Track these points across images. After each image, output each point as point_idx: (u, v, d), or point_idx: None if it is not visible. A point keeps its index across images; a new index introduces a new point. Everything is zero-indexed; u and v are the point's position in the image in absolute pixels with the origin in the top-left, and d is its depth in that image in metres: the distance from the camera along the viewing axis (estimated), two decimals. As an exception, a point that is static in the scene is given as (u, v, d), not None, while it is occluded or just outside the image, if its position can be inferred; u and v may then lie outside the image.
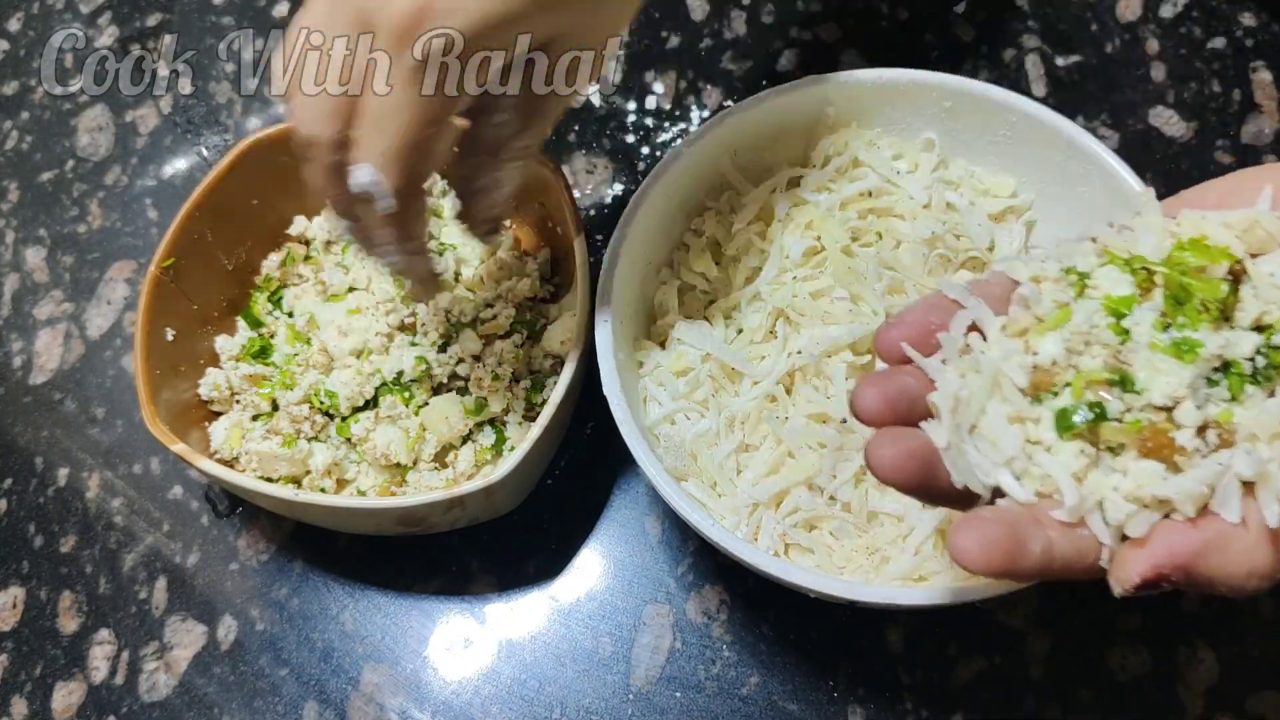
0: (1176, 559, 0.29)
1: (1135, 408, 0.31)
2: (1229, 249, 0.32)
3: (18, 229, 0.63)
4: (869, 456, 0.32)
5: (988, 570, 0.29)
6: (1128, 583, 0.30)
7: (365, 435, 0.50)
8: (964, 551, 0.29)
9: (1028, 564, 0.30)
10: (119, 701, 0.50)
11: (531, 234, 0.57)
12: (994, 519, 0.30)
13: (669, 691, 0.49)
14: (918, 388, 0.33)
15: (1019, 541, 0.30)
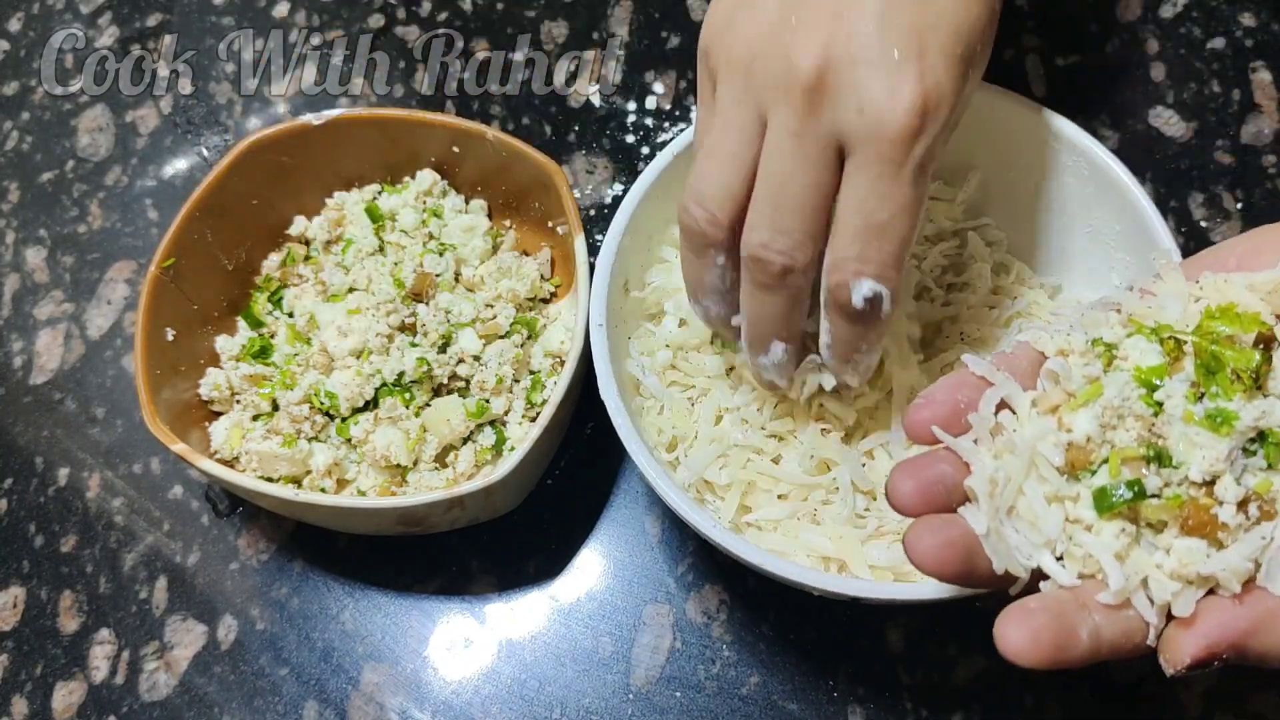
0: (1229, 638, 0.29)
1: (1174, 483, 0.31)
2: (1259, 315, 0.32)
3: (18, 229, 0.63)
4: (908, 549, 0.31)
5: (1037, 664, 0.29)
6: (1180, 664, 0.29)
7: (365, 437, 0.50)
8: (1012, 644, 0.29)
9: (1077, 653, 0.30)
10: (119, 701, 0.50)
11: (531, 234, 0.57)
12: (1039, 608, 0.30)
13: (669, 691, 0.49)
14: (952, 473, 0.33)
15: (1067, 631, 0.30)
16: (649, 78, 0.64)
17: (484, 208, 0.58)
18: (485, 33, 0.67)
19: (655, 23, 0.66)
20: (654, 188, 0.49)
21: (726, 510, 0.46)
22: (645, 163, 0.49)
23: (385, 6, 0.68)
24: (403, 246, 0.55)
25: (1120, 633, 0.30)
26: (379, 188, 0.57)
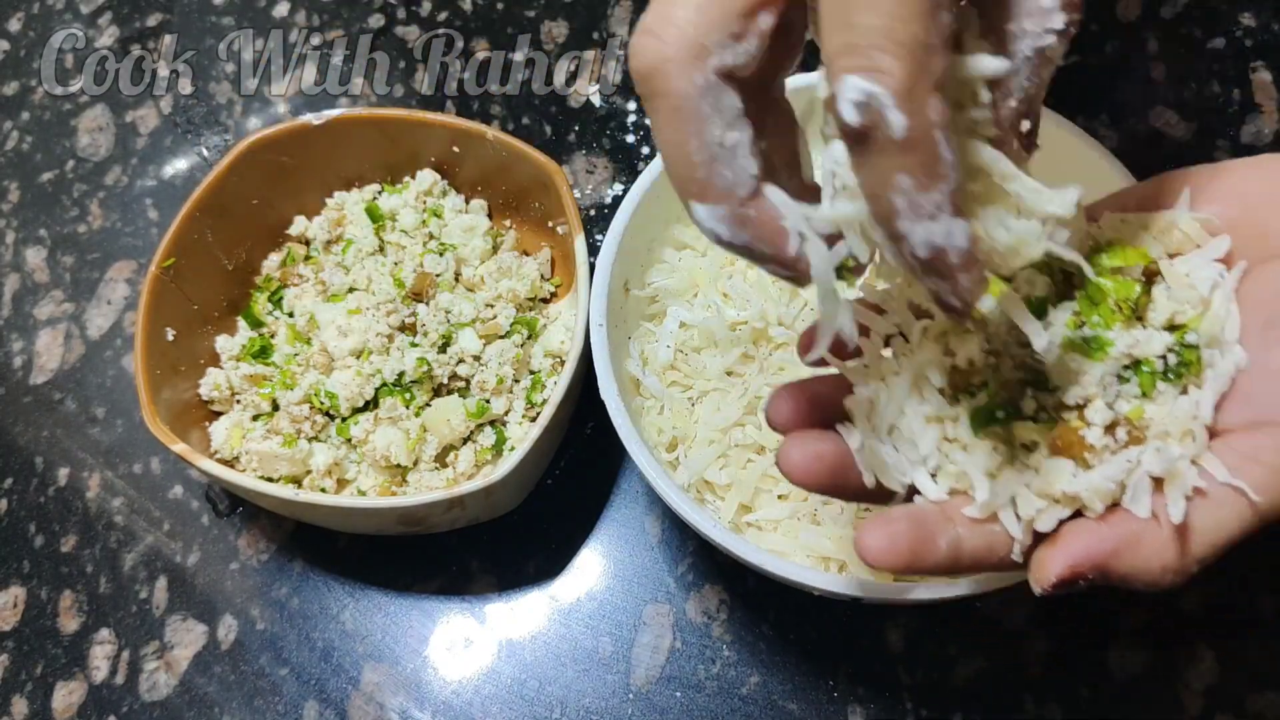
0: (1092, 558, 0.30)
1: (1049, 406, 0.32)
2: (1145, 251, 0.33)
3: (18, 229, 0.63)
4: (779, 462, 0.33)
5: (893, 566, 0.30)
6: (1045, 582, 0.30)
7: (365, 437, 0.50)
8: (868, 549, 0.30)
9: (933, 560, 0.31)
10: (119, 701, 0.50)
11: (531, 234, 0.57)
12: (901, 517, 0.31)
13: (669, 691, 0.49)
14: (830, 394, 0.34)
15: (925, 538, 0.31)
16: (649, 78, 0.64)
17: (484, 208, 0.58)
18: (485, 33, 0.67)
19: (655, 23, 0.66)
20: (654, 188, 0.49)
21: (726, 510, 0.46)
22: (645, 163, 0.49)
23: (385, 6, 0.68)
24: (403, 246, 0.55)
25: (983, 545, 0.31)
26: (379, 188, 0.57)
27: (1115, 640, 0.48)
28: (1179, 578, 0.30)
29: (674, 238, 0.52)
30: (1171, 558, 0.30)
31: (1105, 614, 0.49)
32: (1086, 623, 0.49)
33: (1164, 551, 0.30)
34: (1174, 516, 0.30)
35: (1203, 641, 0.48)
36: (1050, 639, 0.48)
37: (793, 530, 0.45)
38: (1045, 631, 0.48)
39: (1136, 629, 0.48)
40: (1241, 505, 0.30)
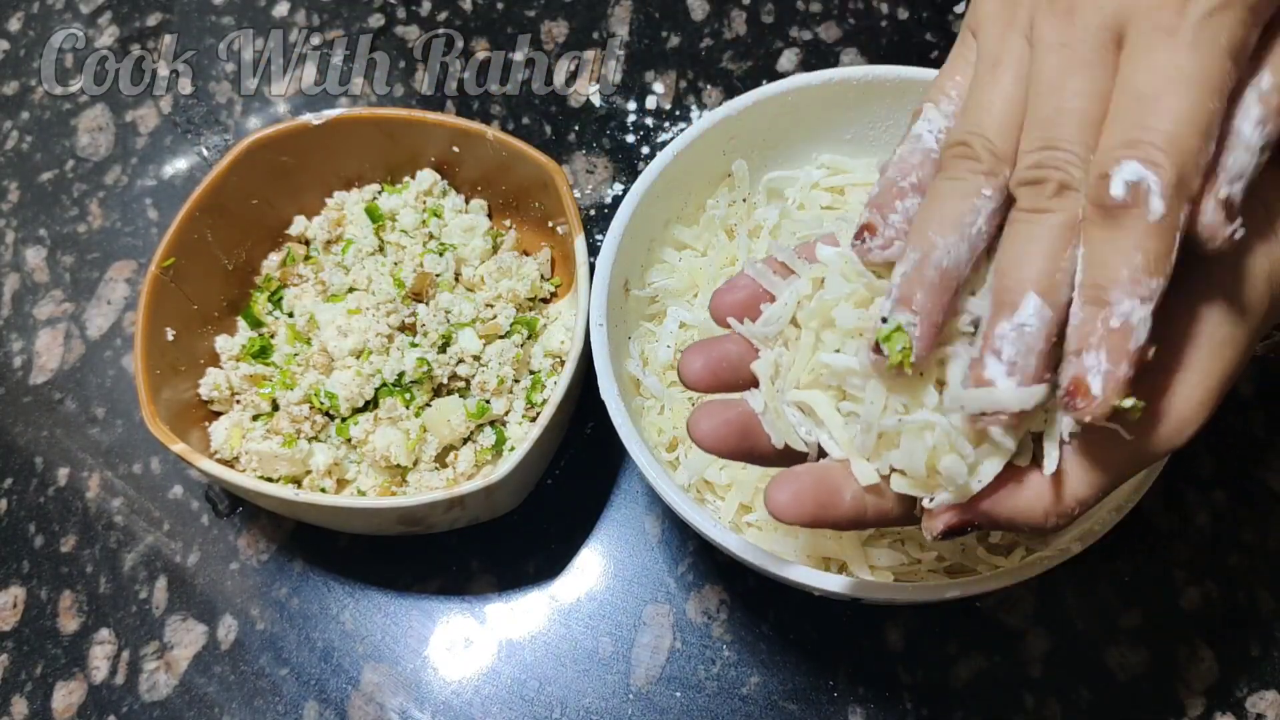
0: (976, 506, 0.31)
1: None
2: None
3: (18, 229, 0.63)
4: (690, 429, 0.34)
5: (799, 520, 0.31)
6: (934, 531, 0.31)
7: (365, 437, 0.50)
8: (776, 504, 0.32)
9: (839, 513, 0.32)
10: (119, 701, 0.50)
11: (531, 234, 0.57)
12: (805, 473, 0.32)
13: (669, 691, 0.49)
14: (739, 354, 0.35)
15: (830, 493, 0.32)
16: (649, 77, 0.64)
17: (484, 208, 0.58)
18: (485, 33, 0.67)
19: (655, 23, 0.66)
20: (654, 188, 0.49)
21: (726, 510, 0.46)
22: (645, 163, 0.49)
23: (385, 6, 0.68)
24: (403, 246, 0.55)
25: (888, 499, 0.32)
26: (379, 188, 0.57)
27: (1115, 640, 0.48)
28: (1063, 520, 0.31)
29: (674, 238, 0.52)
30: (1052, 501, 0.31)
31: (1105, 613, 0.49)
32: (1086, 622, 0.49)
33: (1045, 496, 0.31)
34: (1047, 468, 0.30)
35: (1203, 641, 0.48)
36: (1050, 639, 0.48)
37: (793, 530, 0.45)
38: (1045, 631, 0.49)
39: (1136, 629, 0.48)
40: (1119, 444, 0.30)
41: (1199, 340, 0.31)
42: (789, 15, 0.66)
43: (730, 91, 0.63)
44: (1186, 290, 0.31)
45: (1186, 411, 0.31)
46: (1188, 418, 0.31)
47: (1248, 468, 0.51)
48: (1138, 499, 0.40)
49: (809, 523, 0.32)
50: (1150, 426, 0.30)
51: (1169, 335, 0.31)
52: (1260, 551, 0.50)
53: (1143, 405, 0.28)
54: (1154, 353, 0.29)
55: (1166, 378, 0.31)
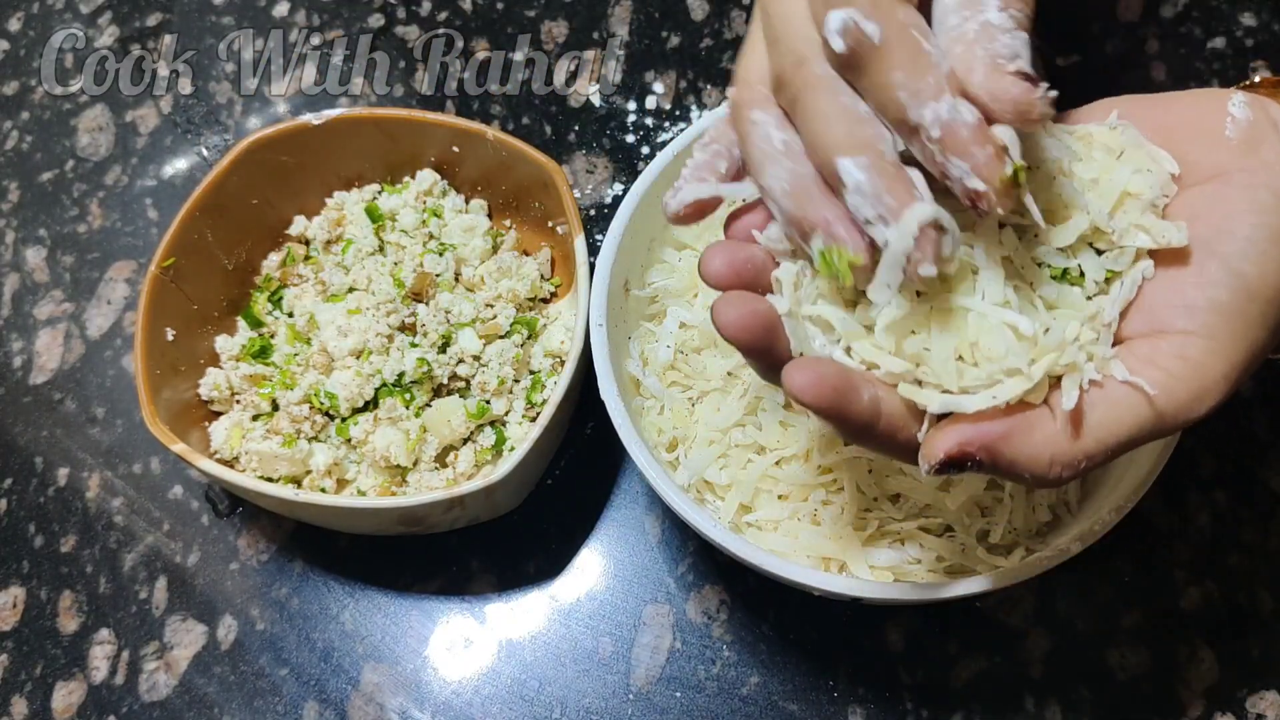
0: (983, 438, 0.30)
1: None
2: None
3: (18, 229, 0.63)
4: (715, 315, 0.32)
5: (818, 403, 0.30)
6: (933, 458, 0.30)
7: (365, 437, 0.50)
8: (796, 383, 0.30)
9: (858, 408, 0.31)
10: (119, 701, 0.50)
11: (531, 234, 0.57)
12: (829, 362, 0.31)
13: (669, 691, 0.49)
14: (763, 258, 0.34)
15: (851, 387, 0.31)
16: (649, 78, 0.64)
17: (484, 208, 0.58)
18: (485, 33, 0.67)
19: (655, 23, 0.66)
20: (654, 188, 0.49)
21: (726, 510, 0.46)
22: (645, 163, 0.49)
23: (385, 6, 0.68)
24: (403, 246, 0.55)
25: (899, 411, 0.31)
26: (379, 188, 0.57)
27: (1115, 640, 0.48)
28: (1067, 471, 0.30)
29: (674, 238, 0.52)
30: (1061, 448, 0.30)
31: (1105, 614, 0.49)
32: (1086, 622, 0.49)
33: (1054, 441, 0.30)
34: (1065, 405, 0.30)
35: (1203, 641, 0.48)
36: (1050, 639, 0.48)
37: (793, 530, 0.45)
38: (1045, 631, 0.48)
39: (1136, 629, 0.48)
40: (1137, 405, 0.30)
41: (1228, 314, 0.31)
42: (789, 15, 0.66)
43: (730, 91, 0.63)
44: (1220, 264, 0.31)
45: (1209, 382, 0.31)
46: (1209, 389, 0.31)
47: (1249, 468, 0.51)
48: (1137, 499, 0.40)
49: (826, 408, 0.30)
50: (1171, 394, 0.30)
51: (1199, 305, 0.31)
52: (1261, 552, 0.50)
53: (1024, 165, 0.30)
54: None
55: (1191, 347, 0.31)
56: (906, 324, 0.31)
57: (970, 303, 0.31)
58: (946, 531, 0.45)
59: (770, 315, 0.33)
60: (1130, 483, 0.41)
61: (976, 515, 0.45)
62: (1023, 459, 0.30)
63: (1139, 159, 0.34)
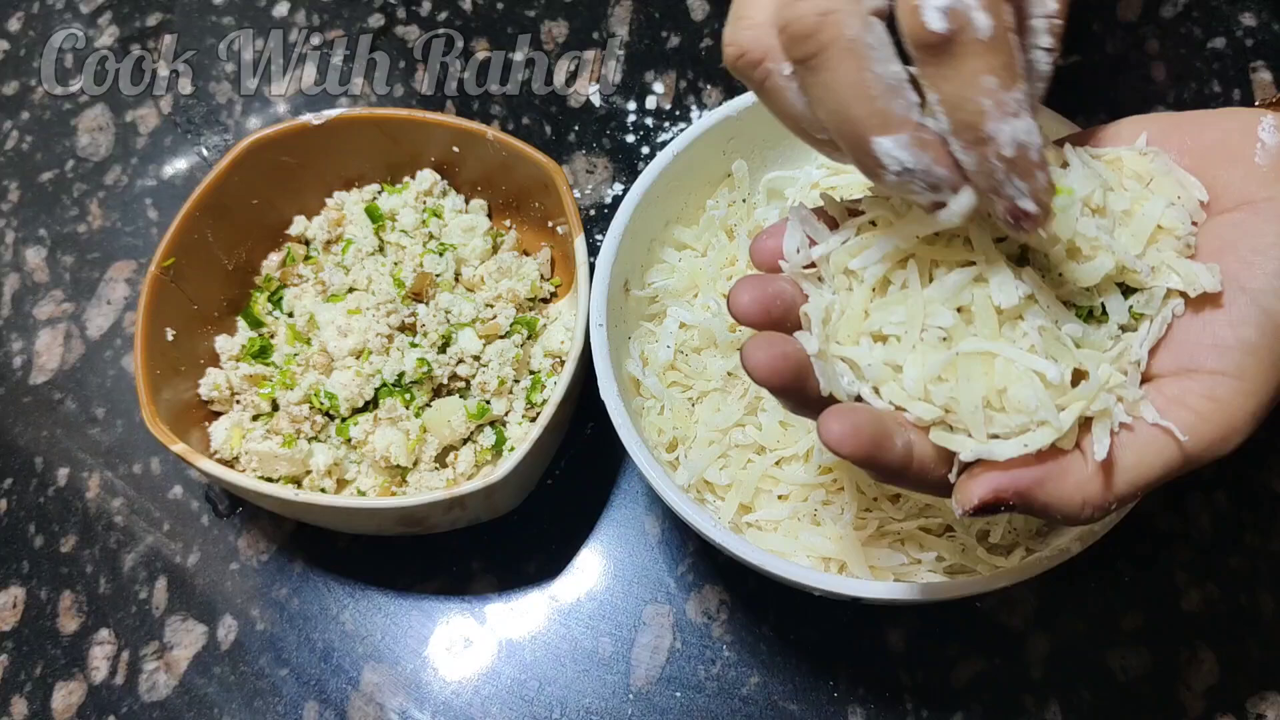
0: (1016, 484, 0.30)
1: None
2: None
3: (18, 229, 0.63)
4: (745, 358, 0.32)
5: (855, 453, 0.30)
6: (967, 503, 0.30)
7: (365, 437, 0.50)
8: (832, 434, 0.30)
9: (892, 456, 0.31)
10: (119, 701, 0.50)
11: (531, 234, 0.57)
12: (863, 409, 0.31)
13: (669, 691, 0.49)
14: (792, 293, 0.34)
15: (885, 434, 0.31)
16: (649, 78, 0.64)
17: (484, 208, 0.57)
18: (485, 33, 0.67)
19: (655, 23, 0.66)
20: (654, 188, 0.49)
21: (726, 510, 0.46)
22: (645, 163, 0.49)
23: (385, 6, 0.68)
24: (403, 246, 0.55)
25: (931, 455, 0.32)
26: (379, 188, 0.57)
27: (1115, 640, 0.48)
28: (1098, 513, 0.31)
29: (674, 238, 0.52)
30: (1093, 492, 0.31)
31: (1105, 614, 0.49)
32: (1086, 623, 0.49)
33: (1086, 485, 0.31)
34: (1098, 454, 0.30)
35: (1203, 642, 0.48)
36: (1050, 639, 0.48)
37: (793, 530, 0.45)
38: (1045, 632, 0.48)
39: (1136, 629, 0.48)
40: (1167, 446, 0.31)
41: (1257, 353, 0.31)
42: (789, 15, 0.66)
43: (730, 91, 0.63)
44: (1249, 301, 0.31)
45: (1237, 421, 0.31)
46: (1237, 427, 0.31)
47: (1250, 470, 0.51)
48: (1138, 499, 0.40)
49: (863, 458, 0.30)
50: (1200, 436, 0.31)
51: (1229, 344, 0.31)
52: (1262, 554, 0.50)
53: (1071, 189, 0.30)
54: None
55: (1221, 388, 0.31)
56: (932, 371, 0.32)
57: (996, 347, 0.31)
58: (946, 531, 0.45)
59: (800, 357, 0.33)
60: (1130, 483, 0.41)
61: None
62: (1055, 502, 0.31)
63: (1168, 188, 0.34)
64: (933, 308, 0.32)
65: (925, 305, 0.32)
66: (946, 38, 0.27)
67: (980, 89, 0.27)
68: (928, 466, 0.32)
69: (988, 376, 0.31)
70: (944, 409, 0.31)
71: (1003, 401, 0.31)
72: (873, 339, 0.33)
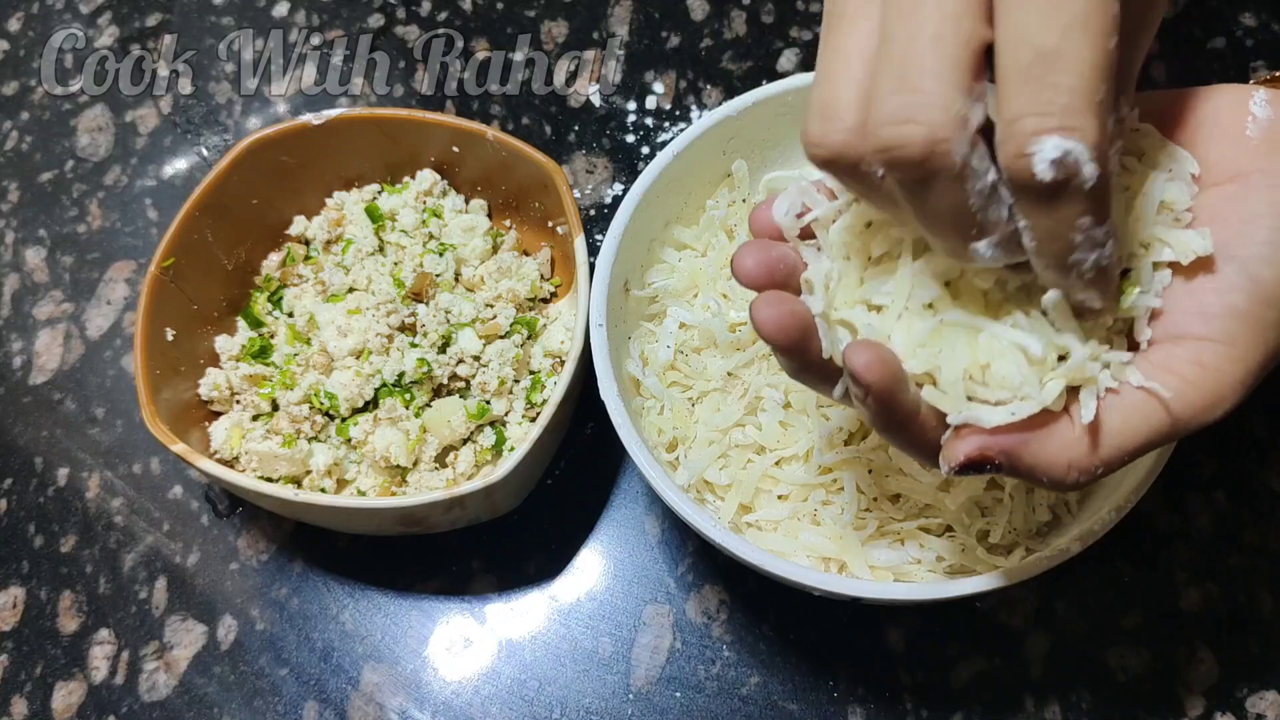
0: (1002, 443, 0.31)
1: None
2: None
3: (18, 229, 0.63)
4: (753, 314, 0.33)
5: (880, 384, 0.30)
6: (953, 460, 0.31)
7: (365, 438, 0.50)
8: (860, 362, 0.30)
9: (905, 398, 0.31)
10: (119, 701, 0.50)
11: (531, 234, 0.57)
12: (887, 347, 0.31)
13: (669, 691, 0.49)
14: (794, 259, 0.34)
15: (902, 375, 0.31)
16: (649, 78, 0.64)
17: (484, 208, 0.58)
18: (485, 33, 0.67)
19: (655, 23, 0.66)
20: (654, 188, 0.49)
21: (726, 510, 0.46)
22: (645, 163, 0.49)
23: (385, 6, 0.68)
24: (403, 246, 0.55)
25: (930, 413, 0.32)
26: (379, 188, 0.57)
27: (1115, 640, 0.48)
28: (1084, 477, 0.31)
29: (674, 238, 0.52)
30: (1079, 455, 0.31)
31: (1105, 614, 0.49)
32: (1086, 623, 0.49)
33: (1072, 448, 0.31)
34: (1084, 417, 0.30)
35: (1203, 641, 0.48)
36: (1050, 639, 0.48)
37: (793, 530, 0.45)
38: (1045, 631, 0.48)
39: (1136, 629, 0.48)
40: (1153, 411, 0.31)
41: (1245, 320, 0.31)
42: (789, 15, 0.66)
43: (730, 91, 0.63)
44: (1238, 269, 0.31)
45: (1224, 388, 0.31)
46: (1225, 394, 0.31)
47: (1249, 469, 0.51)
48: (1137, 499, 0.40)
49: (883, 389, 0.30)
50: (1187, 400, 0.31)
51: (1215, 311, 0.31)
52: (1261, 553, 0.50)
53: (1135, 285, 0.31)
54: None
55: (1208, 353, 0.31)
56: (918, 338, 0.32)
57: (980, 322, 0.31)
58: (946, 531, 0.45)
59: (806, 316, 0.33)
60: (1130, 483, 0.41)
61: (976, 515, 0.45)
62: (1041, 464, 0.31)
63: (1161, 162, 0.33)
64: (920, 280, 0.32)
65: (913, 279, 0.32)
66: (1055, 185, 0.26)
67: (1074, 229, 0.28)
68: (928, 424, 0.32)
69: (971, 349, 0.31)
70: (929, 376, 0.32)
71: (985, 376, 0.31)
72: (866, 307, 0.33)
